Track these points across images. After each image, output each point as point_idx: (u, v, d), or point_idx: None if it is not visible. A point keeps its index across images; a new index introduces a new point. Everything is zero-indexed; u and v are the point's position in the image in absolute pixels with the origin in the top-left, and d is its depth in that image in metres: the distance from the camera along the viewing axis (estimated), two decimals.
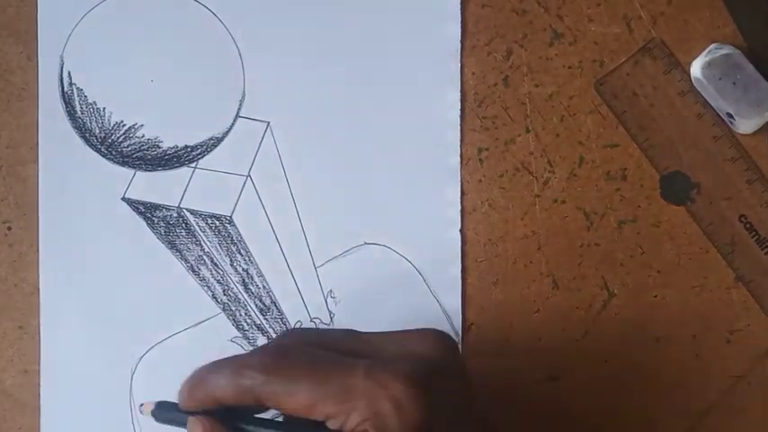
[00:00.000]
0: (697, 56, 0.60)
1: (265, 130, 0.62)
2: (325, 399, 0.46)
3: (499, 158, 0.62)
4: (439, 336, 0.51)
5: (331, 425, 0.47)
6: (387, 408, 0.46)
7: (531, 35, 0.62)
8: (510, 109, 0.62)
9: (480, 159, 0.62)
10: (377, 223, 0.62)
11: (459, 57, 0.62)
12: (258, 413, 0.50)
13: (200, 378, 0.50)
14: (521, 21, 0.62)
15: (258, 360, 0.48)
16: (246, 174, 0.62)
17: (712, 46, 0.60)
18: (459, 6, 0.62)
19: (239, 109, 0.63)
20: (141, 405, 0.53)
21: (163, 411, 0.51)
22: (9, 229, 0.63)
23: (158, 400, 0.52)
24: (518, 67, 0.62)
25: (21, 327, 0.63)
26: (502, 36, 0.62)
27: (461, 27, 0.62)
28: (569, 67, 0.62)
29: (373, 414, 0.46)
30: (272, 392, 0.47)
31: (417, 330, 0.51)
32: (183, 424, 0.50)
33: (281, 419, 0.51)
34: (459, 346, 0.61)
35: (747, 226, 0.61)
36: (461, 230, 0.62)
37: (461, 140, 0.62)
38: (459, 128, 0.62)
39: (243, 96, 0.62)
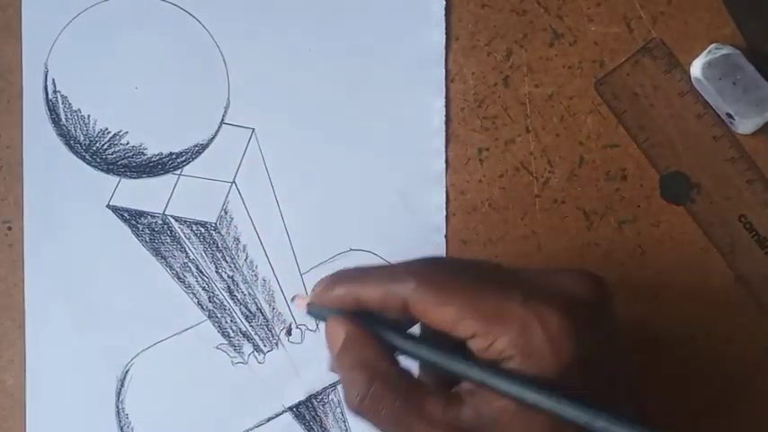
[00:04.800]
0: (697, 56, 0.60)
1: (250, 137, 0.63)
2: (476, 316, 0.46)
3: (499, 158, 0.62)
4: (592, 277, 0.50)
5: (474, 343, 0.47)
6: (540, 338, 0.45)
7: (532, 35, 0.62)
8: (510, 109, 0.62)
9: (480, 159, 0.62)
10: (362, 229, 0.63)
11: (443, 63, 0.62)
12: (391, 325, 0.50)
13: (345, 274, 0.51)
14: (521, 21, 0.62)
15: (414, 266, 0.49)
16: (231, 180, 0.62)
17: (712, 46, 0.60)
18: (444, 13, 0.62)
19: (224, 116, 0.63)
20: (294, 297, 0.54)
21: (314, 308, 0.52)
22: (9, 228, 0.62)
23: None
24: (518, 68, 0.62)
25: (21, 326, 0.62)
26: (502, 36, 0.62)
27: (463, 28, 0.62)
28: (569, 68, 0.62)
29: (524, 342, 0.45)
30: (422, 300, 0.47)
31: (569, 270, 0.50)
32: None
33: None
34: None
35: (747, 226, 0.61)
36: (446, 236, 0.62)
37: (462, 140, 0.62)
38: (444, 134, 0.62)
39: (227, 103, 0.63)
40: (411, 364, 0.49)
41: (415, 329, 0.50)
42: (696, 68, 0.60)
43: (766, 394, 0.61)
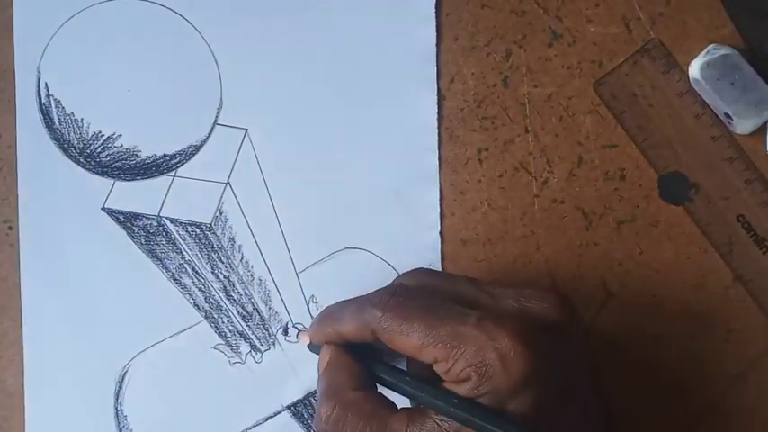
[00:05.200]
0: (695, 56, 0.60)
1: (243, 138, 0.62)
2: (436, 342, 0.49)
3: (498, 158, 0.62)
4: (557, 298, 0.53)
5: (438, 368, 0.50)
6: (492, 358, 0.48)
7: (531, 36, 0.62)
8: (509, 109, 0.62)
9: (480, 159, 0.62)
10: (357, 228, 0.63)
11: (435, 61, 0.62)
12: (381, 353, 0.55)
13: (328, 313, 0.55)
14: (520, 21, 0.62)
15: (379, 298, 0.52)
16: (225, 181, 0.62)
17: (711, 47, 0.60)
18: (434, 10, 0.62)
19: (217, 117, 0.63)
20: (298, 333, 0.63)
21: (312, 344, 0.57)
22: (10, 228, 0.62)
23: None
24: (517, 68, 0.62)
25: (22, 326, 0.62)
26: (501, 37, 0.62)
27: (462, 28, 0.62)
28: (568, 68, 0.62)
29: (479, 361, 0.48)
30: (388, 329, 0.51)
31: (537, 289, 0.53)
32: None
33: None
34: None
35: (745, 226, 0.61)
36: (441, 233, 0.62)
37: (461, 140, 0.62)
38: (436, 131, 0.62)
39: (220, 104, 0.62)
40: None
41: None
42: (694, 69, 0.60)
43: (765, 393, 0.61)
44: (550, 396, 0.49)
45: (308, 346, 0.57)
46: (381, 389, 0.54)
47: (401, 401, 0.52)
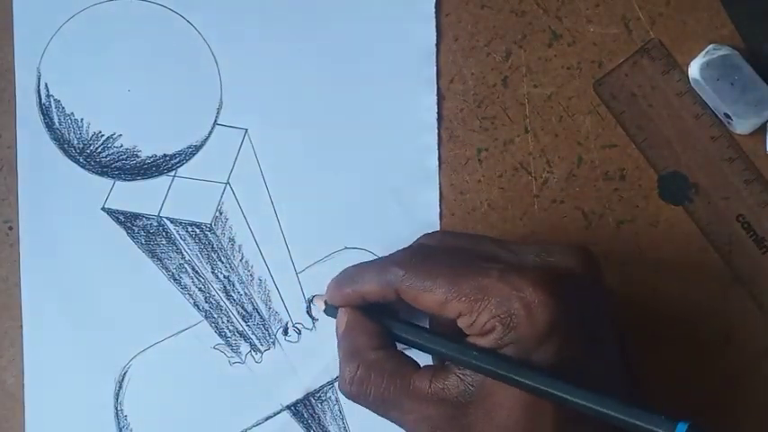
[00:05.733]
0: (695, 56, 0.60)
1: (243, 138, 0.62)
2: (459, 296, 0.50)
3: (498, 159, 0.62)
4: (581, 251, 0.53)
5: (462, 322, 0.50)
6: (516, 308, 0.48)
7: (531, 36, 0.62)
8: (509, 109, 0.62)
9: (479, 159, 0.62)
10: (357, 227, 0.63)
11: (435, 61, 0.62)
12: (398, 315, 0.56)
13: (347, 275, 0.56)
14: (520, 22, 0.62)
15: (401, 257, 0.53)
16: (225, 181, 0.62)
17: (710, 47, 0.60)
18: (434, 10, 0.62)
19: (217, 117, 0.62)
20: (312, 299, 0.62)
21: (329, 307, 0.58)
22: (10, 228, 0.62)
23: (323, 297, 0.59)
24: (517, 68, 0.62)
25: (22, 326, 0.62)
26: (501, 37, 0.62)
27: (462, 29, 0.62)
28: (568, 68, 0.62)
29: (503, 312, 0.49)
30: (411, 287, 0.52)
31: (558, 244, 0.53)
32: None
33: None
34: None
35: (745, 226, 0.61)
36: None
37: (461, 140, 0.62)
38: (436, 131, 0.62)
39: (220, 104, 0.62)
40: None
41: None
42: (694, 69, 0.60)
43: (765, 394, 0.61)
44: (574, 346, 0.50)
45: (325, 310, 0.58)
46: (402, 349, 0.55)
47: (423, 361, 0.53)
